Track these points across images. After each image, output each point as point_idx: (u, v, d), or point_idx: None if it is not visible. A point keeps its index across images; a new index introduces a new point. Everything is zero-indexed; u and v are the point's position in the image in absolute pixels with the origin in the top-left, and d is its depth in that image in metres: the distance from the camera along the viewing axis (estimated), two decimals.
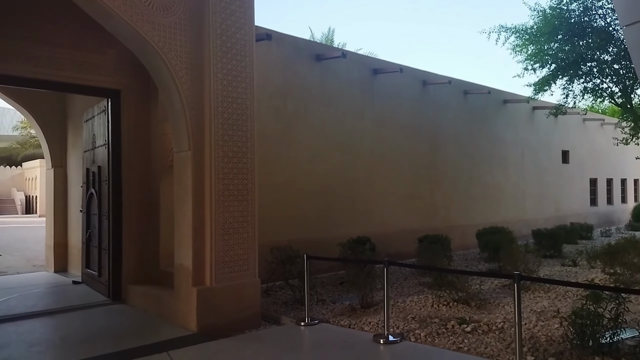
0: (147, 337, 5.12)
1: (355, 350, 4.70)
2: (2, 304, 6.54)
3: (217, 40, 5.33)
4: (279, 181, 8.13)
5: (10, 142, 41.26)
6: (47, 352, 4.80)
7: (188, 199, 5.28)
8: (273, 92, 8.12)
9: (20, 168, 44.10)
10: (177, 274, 5.48)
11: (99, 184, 7.19)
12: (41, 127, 9.28)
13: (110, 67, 6.65)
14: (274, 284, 7.06)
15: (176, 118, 5.37)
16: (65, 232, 9.31)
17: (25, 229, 22.27)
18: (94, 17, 4.93)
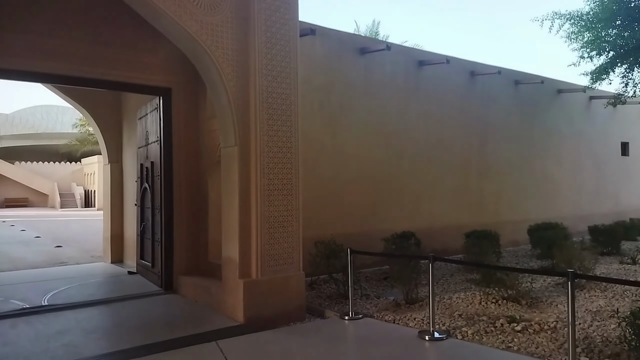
0: (197, 326, 5.30)
1: (400, 346, 4.68)
2: (62, 293, 6.96)
3: (262, 37, 5.41)
4: (323, 175, 8.17)
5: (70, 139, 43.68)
6: (103, 338, 5.07)
7: (235, 193, 5.41)
8: (317, 86, 8.15)
9: (80, 164, 46.55)
10: (224, 266, 5.63)
11: (152, 178, 7.49)
12: (98, 125, 9.76)
13: (162, 66, 6.90)
14: (318, 278, 7.12)
15: (223, 114, 5.51)
16: (121, 225, 9.77)
17: (84, 222, 23.53)
18: (146, 18, 5.13)
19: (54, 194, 43.93)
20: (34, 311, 5.91)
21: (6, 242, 14.72)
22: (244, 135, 5.41)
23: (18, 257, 11.35)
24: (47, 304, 6.26)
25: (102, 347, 4.77)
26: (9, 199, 44.43)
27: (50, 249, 12.83)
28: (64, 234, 17.49)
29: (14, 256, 11.47)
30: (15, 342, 4.80)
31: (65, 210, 37.86)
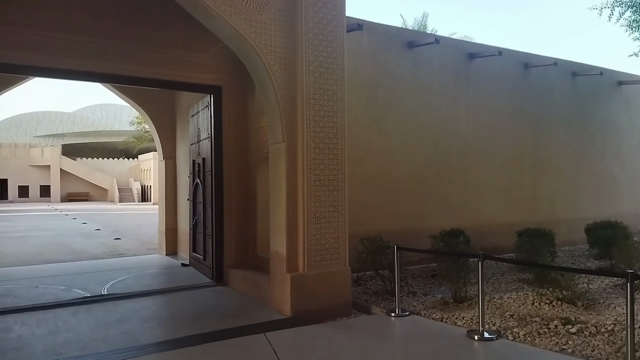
0: (246, 318, 5.45)
1: (447, 345, 4.61)
2: (121, 283, 7.33)
3: (309, 34, 5.46)
4: (369, 171, 8.13)
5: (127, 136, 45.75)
6: (159, 327, 5.31)
7: (282, 189, 5.50)
8: (364, 82, 8.12)
9: (137, 160, 48.69)
10: (272, 260, 5.75)
11: (204, 174, 7.74)
12: (154, 122, 10.18)
13: (213, 64, 7.10)
14: (364, 274, 7.11)
15: (271, 111, 5.60)
16: (175, 219, 10.16)
17: (141, 216, 24.63)
18: (198, 18, 5.29)
19: (113, 188, 46.20)
20: (94, 300, 6.27)
21: (69, 234, 15.67)
22: (291, 132, 5.48)
23: (79, 248, 12.06)
24: (106, 293, 6.62)
25: (157, 335, 5.00)
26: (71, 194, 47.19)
27: (110, 241, 13.53)
28: (122, 227, 18.39)
29: (75, 248, 12.20)
30: (77, 329, 5.11)
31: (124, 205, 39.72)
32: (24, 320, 5.37)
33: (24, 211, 30.38)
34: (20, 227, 18.48)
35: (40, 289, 6.92)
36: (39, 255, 10.76)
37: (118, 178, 47.35)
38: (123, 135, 48.68)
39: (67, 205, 38.30)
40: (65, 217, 25.07)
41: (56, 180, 46.97)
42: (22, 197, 46.09)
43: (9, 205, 40.37)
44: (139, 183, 46.57)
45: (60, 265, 9.31)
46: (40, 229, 17.92)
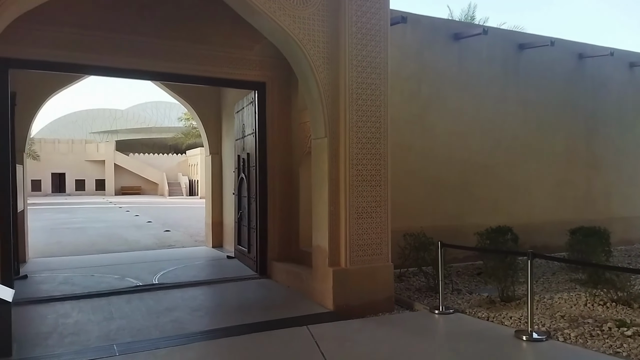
0: (289, 310, 5.53)
1: (494, 344, 4.49)
2: (170, 273, 7.61)
3: (352, 28, 5.44)
4: (413, 166, 8.03)
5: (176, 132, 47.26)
6: (206, 316, 5.48)
7: (324, 184, 5.53)
8: (407, 76, 8.00)
9: (185, 155, 50.24)
10: (315, 255, 5.80)
11: (248, 169, 7.89)
12: (200, 119, 10.47)
13: (257, 61, 7.21)
14: (407, 270, 7.04)
15: (314, 106, 5.64)
16: (220, 212, 10.43)
17: (189, 209, 25.42)
18: (242, 15, 5.39)
19: (163, 183, 47.90)
20: (146, 289, 6.54)
21: (123, 226, 16.40)
22: (334, 127, 5.49)
23: (132, 239, 12.61)
24: (157, 283, 6.90)
25: (205, 324, 5.17)
26: (124, 187, 49.31)
27: (160, 233, 14.06)
28: (171, 219, 19.06)
29: (129, 239, 12.76)
30: (130, 316, 5.36)
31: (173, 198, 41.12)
32: (80, 306, 5.68)
33: (81, 204, 32.06)
34: (78, 219, 19.53)
35: (96, 278, 7.30)
36: (95, 246, 11.34)
37: (167, 173, 49.05)
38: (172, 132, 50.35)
39: (120, 199, 40.09)
40: (118, 209, 26.26)
41: (110, 174, 49.23)
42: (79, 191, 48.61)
43: (67, 198, 42.71)
44: (187, 177, 48.03)
45: (114, 255, 9.78)
46: (96, 220, 18.87)
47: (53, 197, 42.49)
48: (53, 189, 47.91)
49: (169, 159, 52.20)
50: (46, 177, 47.16)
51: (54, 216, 20.96)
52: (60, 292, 6.32)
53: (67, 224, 17.16)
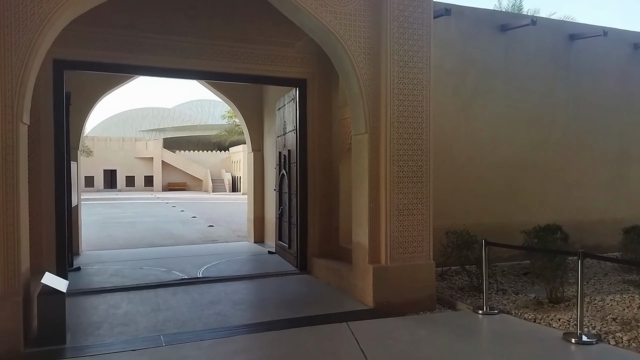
0: (329, 306, 5.55)
1: (541, 346, 4.35)
2: (214, 267, 7.81)
3: (394, 22, 5.37)
4: (456, 162, 7.85)
5: (219, 130, 48.33)
6: (248, 310, 5.59)
7: (364, 180, 5.50)
8: (451, 69, 7.82)
9: (228, 152, 51.30)
10: (354, 251, 5.79)
11: (289, 165, 7.97)
12: (243, 116, 10.66)
13: (298, 58, 7.25)
14: (449, 269, 6.91)
15: (354, 102, 5.61)
16: (262, 208, 10.59)
17: (231, 205, 25.95)
18: (284, 13, 5.43)
19: (207, 179, 49.10)
20: (190, 282, 6.74)
21: (169, 221, 16.96)
22: (375, 123, 5.45)
23: (178, 234, 13.02)
24: (201, 276, 7.09)
25: (246, 317, 5.27)
26: (171, 183, 50.89)
27: (204, 228, 14.45)
28: (215, 215, 19.52)
29: (175, 233, 13.18)
30: (176, 307, 5.54)
31: (216, 194, 42.09)
32: (130, 298, 5.92)
33: (131, 199, 33.37)
34: (128, 214, 20.34)
35: (144, 270, 7.59)
36: (143, 239, 11.79)
37: (211, 169, 50.25)
38: (216, 129, 51.53)
39: (167, 194, 41.46)
40: (165, 205, 27.15)
41: (158, 171, 50.94)
42: (129, 187, 50.58)
43: (118, 193, 44.57)
44: (229, 174, 49.02)
45: (161, 249, 10.13)
46: (145, 215, 19.60)
47: (105, 193, 44.47)
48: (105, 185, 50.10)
49: (213, 156, 53.43)
50: (99, 173, 49.35)
51: (106, 211, 21.92)
52: (111, 284, 6.61)
53: (118, 219, 17.91)
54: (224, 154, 52.49)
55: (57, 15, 4.21)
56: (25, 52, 4.11)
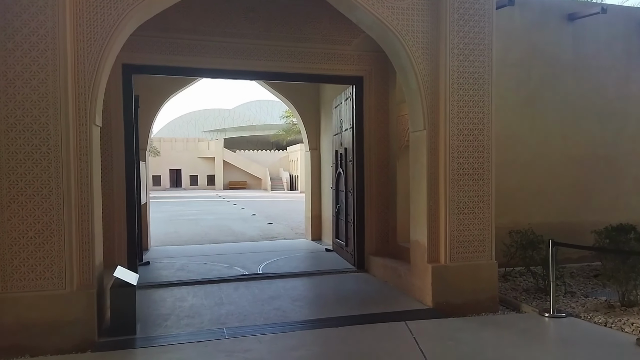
0: (387, 305, 5.51)
1: (612, 352, 4.08)
2: (273, 264, 7.97)
3: (454, 15, 5.23)
4: (520, 159, 7.52)
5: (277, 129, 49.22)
6: (306, 306, 5.66)
7: (423, 178, 5.40)
8: (514, 61, 7.50)
9: (286, 151, 52.16)
10: (413, 250, 5.70)
11: (345, 164, 7.98)
12: (300, 115, 10.79)
13: (354, 56, 7.24)
14: (513, 269, 6.63)
15: (412, 98, 5.53)
16: (319, 206, 10.68)
17: (289, 203, 26.37)
18: (341, 10, 5.44)
19: (266, 178, 50.21)
20: (251, 277, 6.92)
21: (230, 219, 17.50)
22: (433, 119, 5.34)
23: (239, 231, 13.41)
24: (261, 272, 7.26)
25: (305, 313, 5.34)
26: (231, 182, 52.50)
27: (263, 225, 14.78)
28: (273, 212, 19.92)
29: (236, 230, 13.59)
30: (237, 302, 5.71)
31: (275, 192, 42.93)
32: (195, 292, 6.18)
33: (195, 197, 34.76)
34: (192, 211, 21.21)
35: (208, 265, 7.89)
36: (206, 236, 12.26)
37: (270, 168, 51.31)
38: (274, 129, 52.53)
39: (228, 193, 42.80)
40: (227, 203, 28.05)
41: (219, 170, 52.70)
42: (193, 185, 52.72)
43: (183, 192, 46.56)
44: (287, 173, 49.82)
45: (223, 245, 10.48)
46: (208, 213, 20.35)
47: (171, 191, 46.62)
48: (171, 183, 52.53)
49: (271, 155, 54.52)
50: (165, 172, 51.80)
51: (172, 208, 22.98)
52: (178, 278, 6.92)
53: (183, 216, 18.72)
54: (282, 153, 53.40)
55: (124, 21, 4.46)
56: (96, 57, 4.39)
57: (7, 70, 4.09)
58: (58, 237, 4.20)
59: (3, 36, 4.07)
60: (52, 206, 4.19)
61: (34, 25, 4.12)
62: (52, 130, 4.18)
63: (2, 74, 4.08)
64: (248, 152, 55.22)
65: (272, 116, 65.34)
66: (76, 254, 4.31)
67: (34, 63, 4.14)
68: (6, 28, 4.07)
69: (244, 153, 54.79)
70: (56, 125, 4.19)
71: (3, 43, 4.07)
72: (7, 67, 4.08)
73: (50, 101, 4.17)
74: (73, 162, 4.28)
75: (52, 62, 4.17)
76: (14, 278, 4.13)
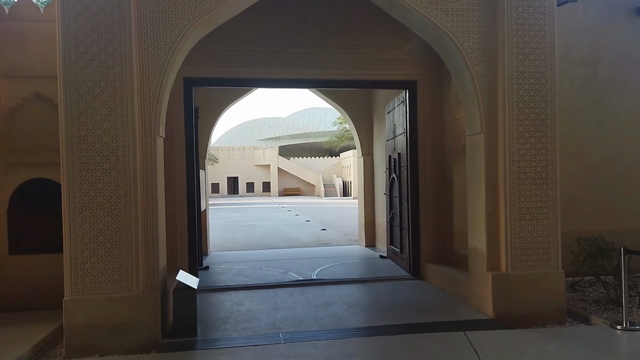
0: (444, 314, 5.37)
1: None
2: (327, 270, 7.99)
3: (512, 13, 5.06)
4: (588, 162, 7.10)
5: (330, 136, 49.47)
6: (361, 313, 5.62)
7: (481, 182, 5.23)
8: (579, 59, 7.11)
9: (338, 158, 52.32)
10: (471, 257, 5.52)
11: (399, 169, 7.88)
12: (353, 122, 10.79)
13: (407, 60, 7.16)
14: (582, 279, 6.26)
15: (468, 101, 5.38)
16: (373, 212, 10.60)
17: (343, 209, 26.36)
18: (393, 15, 5.40)
19: (319, 184, 50.55)
20: (306, 283, 6.97)
21: (285, 224, 17.75)
22: (491, 122, 5.17)
23: (294, 237, 13.57)
24: (315, 278, 7.30)
25: (359, 320, 5.31)
26: (286, 189, 53.29)
27: (317, 231, 14.87)
28: (327, 219, 20.00)
29: (290, 236, 13.76)
30: (292, 307, 5.77)
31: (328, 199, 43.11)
32: (252, 296, 6.31)
33: (251, 204, 35.57)
34: (249, 218, 21.72)
35: (264, 271, 8.03)
36: (262, 242, 12.50)
37: (323, 175, 51.62)
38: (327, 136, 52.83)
39: (282, 199, 43.46)
40: (281, 209, 28.48)
41: (274, 177, 53.68)
42: (249, 192, 54.01)
43: (240, 199, 47.80)
44: (340, 179, 49.91)
45: (278, 250, 10.64)
46: (263, 219, 20.76)
47: (228, 198, 47.98)
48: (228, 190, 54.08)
49: (324, 161, 54.85)
50: (223, 180, 53.42)
51: (229, 215, 23.64)
52: (235, 283, 7.10)
53: (240, 222, 19.20)
54: (335, 159, 53.60)
55: (185, 37, 4.66)
56: (160, 72, 4.61)
57: (79, 87, 4.38)
58: (126, 242, 4.43)
59: (75, 55, 4.37)
60: (121, 213, 4.43)
61: (102, 44, 4.40)
62: (120, 141, 4.43)
63: (75, 90, 4.37)
64: (302, 159, 55.87)
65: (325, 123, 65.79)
66: (142, 258, 4.52)
67: (103, 79, 4.41)
68: (78, 47, 4.37)
69: (298, 160, 55.48)
70: (124, 137, 4.43)
71: (75, 61, 4.37)
72: (79, 84, 4.38)
73: (118, 114, 4.43)
74: (139, 172, 4.50)
75: (120, 78, 4.43)
76: (85, 281, 4.38)
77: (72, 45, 4.36)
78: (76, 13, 4.36)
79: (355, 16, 6.85)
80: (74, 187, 4.37)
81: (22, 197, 5.63)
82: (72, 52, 4.36)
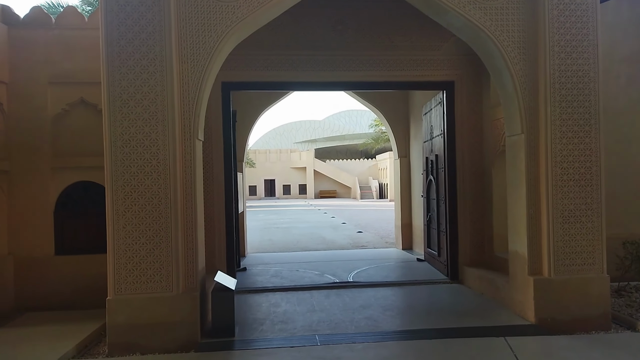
0: (483, 319, 5.25)
1: None
2: (363, 272, 7.95)
3: (553, 11, 4.91)
4: (634, 162, 6.79)
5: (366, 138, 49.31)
6: (398, 317, 5.57)
7: (521, 184, 5.09)
8: (624, 57, 6.81)
9: (374, 160, 51.99)
10: (511, 261, 5.38)
11: (436, 171, 7.77)
12: (389, 123, 10.72)
13: (444, 60, 7.06)
14: (628, 284, 5.99)
15: (508, 101, 5.26)
16: (409, 215, 10.49)
17: (379, 211, 26.17)
18: (431, 15, 5.35)
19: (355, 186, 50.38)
20: (342, 285, 6.97)
21: (321, 227, 17.79)
22: (532, 122, 5.03)
23: (330, 239, 13.58)
24: (352, 281, 7.29)
25: (396, 324, 5.27)
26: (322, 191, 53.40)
27: (353, 234, 14.83)
28: (363, 221, 19.90)
29: (327, 238, 13.78)
30: (329, 309, 5.78)
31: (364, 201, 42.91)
32: (288, 298, 6.36)
33: (287, 206, 35.85)
34: (285, 220, 21.90)
35: (300, 272, 8.09)
36: (298, 244, 12.58)
37: (359, 177, 51.42)
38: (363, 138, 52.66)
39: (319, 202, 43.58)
40: (317, 211, 28.56)
41: (310, 179, 53.89)
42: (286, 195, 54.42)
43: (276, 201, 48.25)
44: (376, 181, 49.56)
45: (314, 253, 10.68)
46: (300, 221, 20.88)
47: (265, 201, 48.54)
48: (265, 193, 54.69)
49: (360, 164, 54.63)
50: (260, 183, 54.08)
51: (266, 217, 23.90)
52: (272, 284, 7.18)
53: (277, 224, 19.39)
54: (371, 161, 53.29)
55: (223, 42, 4.77)
56: (199, 77, 4.74)
57: (121, 92, 4.55)
58: (166, 243, 4.57)
59: (118, 62, 4.54)
60: (162, 215, 4.57)
61: (144, 50, 4.56)
62: (161, 145, 4.58)
63: (118, 96, 4.55)
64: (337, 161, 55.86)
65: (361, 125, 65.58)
66: (182, 259, 4.64)
67: (145, 84, 4.57)
68: (120, 54, 4.54)
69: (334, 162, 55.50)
70: (164, 141, 4.58)
71: (118, 68, 4.55)
72: (121, 90, 4.55)
73: (159, 119, 4.58)
74: (179, 174, 4.63)
75: (161, 83, 4.58)
76: (128, 281, 4.54)
77: (115, 52, 4.53)
78: (119, 21, 4.53)
79: (391, 18, 6.82)
80: (117, 189, 4.54)
81: (67, 200, 5.90)
82: (115, 59, 4.54)
